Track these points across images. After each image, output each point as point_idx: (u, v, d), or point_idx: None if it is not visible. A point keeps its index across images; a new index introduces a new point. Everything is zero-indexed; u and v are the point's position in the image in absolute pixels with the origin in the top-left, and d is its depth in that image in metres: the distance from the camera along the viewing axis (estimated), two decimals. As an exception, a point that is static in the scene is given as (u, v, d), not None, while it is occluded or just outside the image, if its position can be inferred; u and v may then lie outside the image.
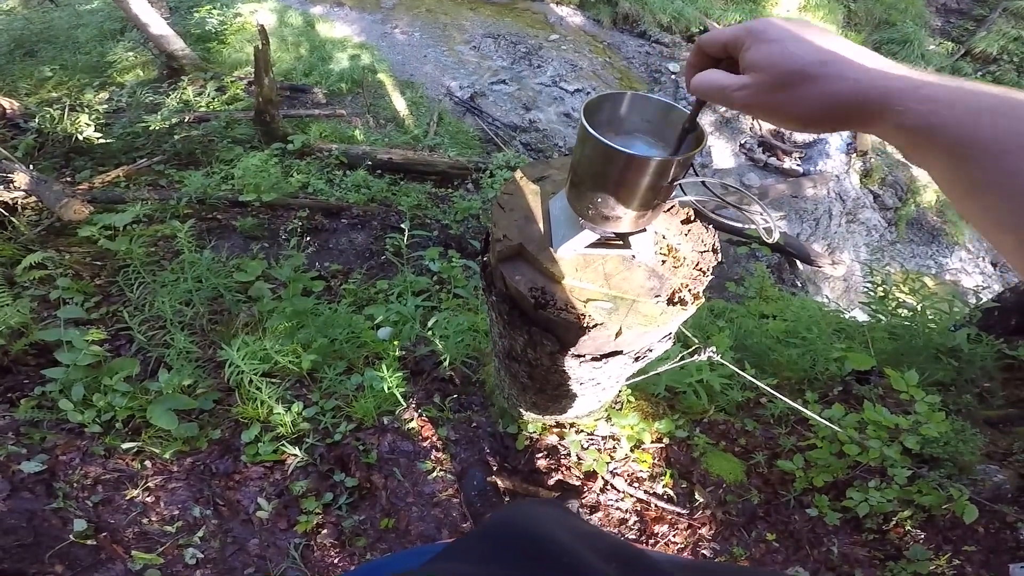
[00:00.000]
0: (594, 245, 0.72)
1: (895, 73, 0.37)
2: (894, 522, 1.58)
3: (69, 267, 2.47)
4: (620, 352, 0.78)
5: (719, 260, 0.77)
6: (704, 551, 1.60)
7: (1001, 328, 2.19)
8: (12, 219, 2.71)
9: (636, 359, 0.84)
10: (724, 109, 5.86)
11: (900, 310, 2.26)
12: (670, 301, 0.72)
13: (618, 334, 0.70)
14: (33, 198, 2.85)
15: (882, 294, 2.33)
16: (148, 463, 1.69)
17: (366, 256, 3.18)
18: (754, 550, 1.60)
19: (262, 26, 3.88)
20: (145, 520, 1.57)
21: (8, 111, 3.85)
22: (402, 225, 2.52)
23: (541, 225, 0.77)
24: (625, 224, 0.65)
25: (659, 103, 0.62)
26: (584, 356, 0.80)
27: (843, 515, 1.61)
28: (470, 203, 3.63)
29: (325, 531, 1.61)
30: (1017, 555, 1.50)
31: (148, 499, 1.61)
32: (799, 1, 7.31)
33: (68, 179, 3.40)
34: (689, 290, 0.73)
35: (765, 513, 1.67)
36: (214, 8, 5.72)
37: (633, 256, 0.74)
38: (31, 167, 2.95)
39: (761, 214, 0.62)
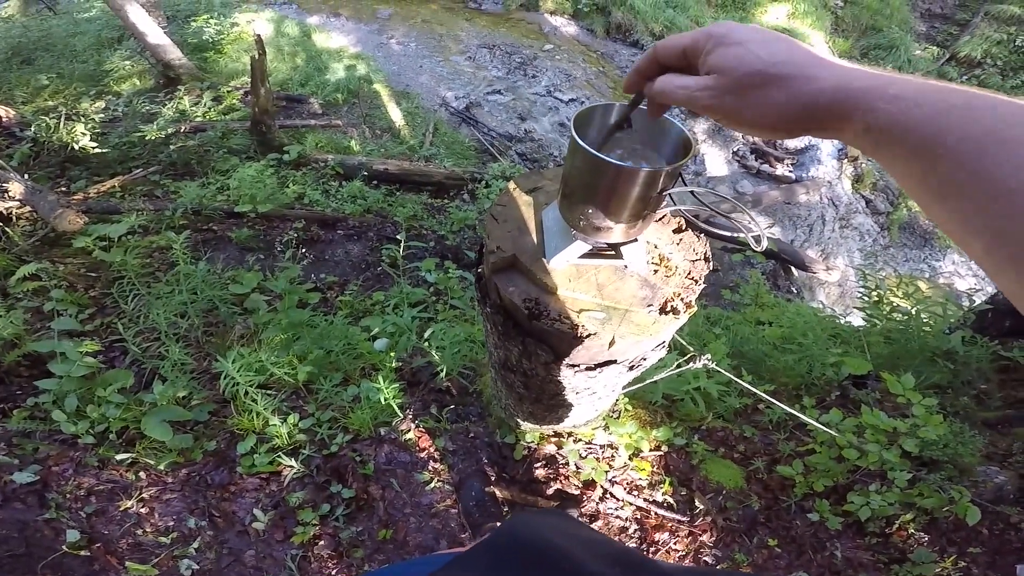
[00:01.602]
0: (587, 256, 0.73)
1: (862, 75, 0.36)
2: (897, 525, 1.58)
3: (63, 278, 2.45)
4: (614, 361, 0.78)
5: (711, 268, 0.77)
6: (706, 558, 1.59)
7: (995, 330, 2.21)
8: (6, 229, 2.70)
9: (630, 368, 0.84)
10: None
11: (895, 314, 2.28)
12: (662, 310, 0.72)
13: (611, 344, 0.70)
14: (28, 208, 2.84)
15: (876, 299, 2.34)
16: (142, 474, 1.67)
17: (362, 267, 3.17)
18: (756, 556, 1.59)
19: (259, 36, 3.90)
20: (139, 531, 1.55)
21: (4, 119, 3.83)
22: (398, 236, 2.53)
23: (534, 236, 0.78)
24: (616, 234, 0.66)
25: None
26: (578, 366, 0.80)
27: (845, 519, 1.60)
28: (466, 214, 3.64)
29: (322, 542, 1.60)
30: (1023, 556, 1.50)
31: (142, 510, 1.59)
32: (787, 8, 7.40)
33: (63, 189, 3.39)
34: (681, 299, 0.73)
35: (766, 519, 1.66)
36: (211, 18, 5.75)
37: (625, 266, 0.75)
38: (26, 176, 2.95)
39: (750, 223, 0.62)
